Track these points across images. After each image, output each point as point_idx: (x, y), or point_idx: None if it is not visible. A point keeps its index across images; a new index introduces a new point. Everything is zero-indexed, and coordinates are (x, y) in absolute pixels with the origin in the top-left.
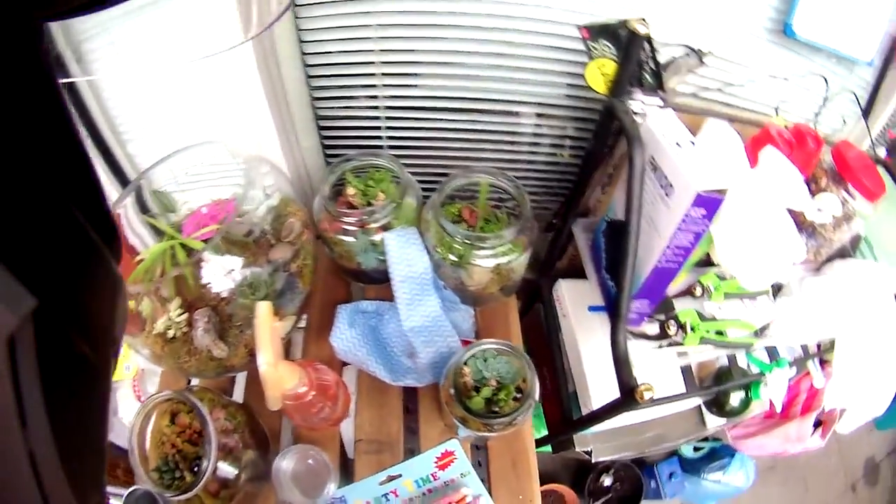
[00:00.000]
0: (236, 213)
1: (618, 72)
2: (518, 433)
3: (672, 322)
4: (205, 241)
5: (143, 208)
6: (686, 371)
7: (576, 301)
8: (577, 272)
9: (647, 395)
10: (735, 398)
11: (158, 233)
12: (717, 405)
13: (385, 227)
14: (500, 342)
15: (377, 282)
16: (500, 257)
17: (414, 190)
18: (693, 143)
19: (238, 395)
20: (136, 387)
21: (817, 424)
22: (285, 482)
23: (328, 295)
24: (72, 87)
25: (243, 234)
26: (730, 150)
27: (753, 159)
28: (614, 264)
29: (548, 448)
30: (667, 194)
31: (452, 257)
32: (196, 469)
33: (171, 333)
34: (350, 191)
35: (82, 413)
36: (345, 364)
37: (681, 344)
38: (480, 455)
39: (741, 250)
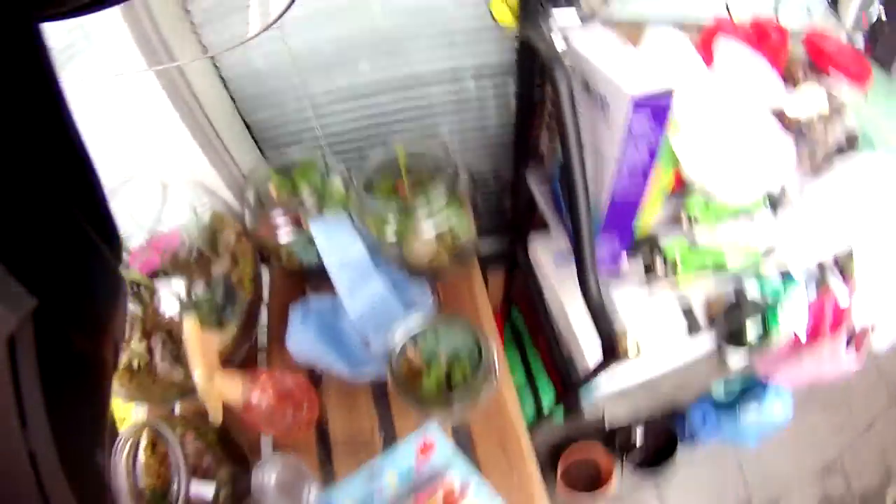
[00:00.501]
0: (176, 240)
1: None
2: (500, 410)
3: (658, 259)
4: (150, 272)
5: None
6: (686, 309)
7: (549, 255)
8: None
9: (630, 347)
10: (752, 331)
11: None
12: (735, 342)
13: (315, 219)
14: (449, 317)
15: (328, 277)
16: (437, 222)
17: (340, 173)
18: (631, 54)
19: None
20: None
21: (849, 343)
22: (266, 494)
23: (284, 300)
24: None
25: (184, 257)
26: (678, 54)
27: (709, 59)
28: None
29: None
30: (604, 112)
31: (389, 234)
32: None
33: (135, 364)
34: (273, 188)
35: (82, 413)
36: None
37: (674, 282)
38: (465, 440)
39: (712, 159)
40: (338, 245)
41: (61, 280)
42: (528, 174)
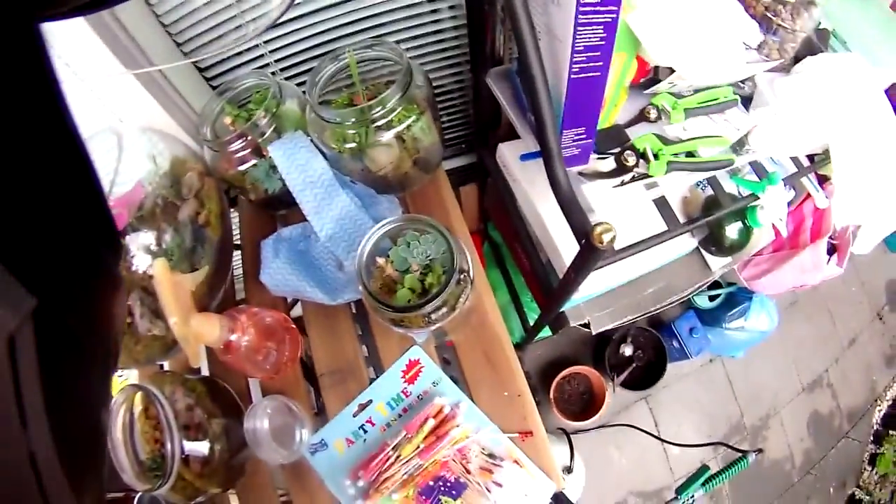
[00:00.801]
0: (140, 193)
1: None
2: (483, 323)
3: (629, 152)
4: (121, 231)
5: None
6: (662, 205)
7: (517, 159)
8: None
9: (605, 237)
10: (732, 230)
11: None
12: (715, 242)
13: (266, 139)
14: (418, 221)
15: (296, 204)
16: (395, 126)
17: (294, 94)
18: None
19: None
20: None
21: (831, 251)
22: (260, 440)
23: (256, 235)
24: None
25: (149, 208)
26: None
27: None
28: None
29: (548, 332)
30: None
31: (349, 145)
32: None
33: None
34: (227, 119)
35: (83, 413)
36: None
37: (647, 175)
38: (451, 359)
39: (673, 37)
40: (299, 164)
41: (61, 280)
42: (488, 77)
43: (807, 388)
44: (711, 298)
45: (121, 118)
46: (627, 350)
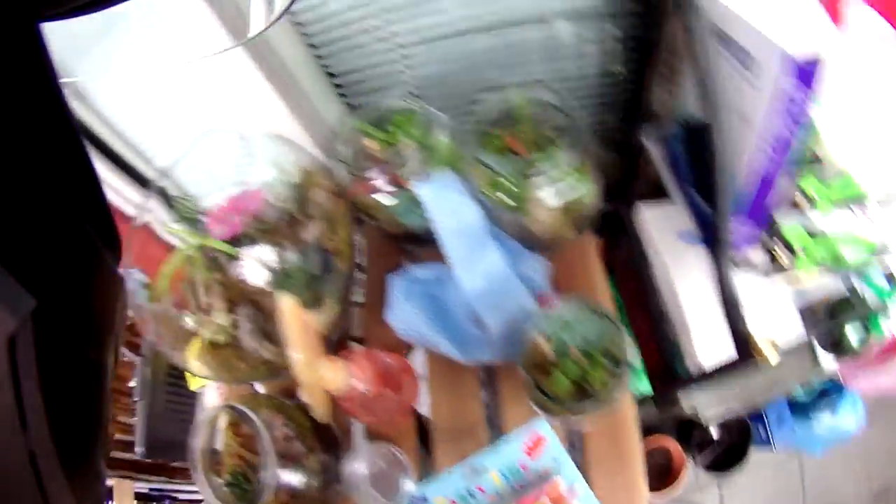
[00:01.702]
0: (259, 200)
1: None
2: (618, 410)
3: (781, 246)
4: (232, 237)
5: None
6: (799, 298)
7: (664, 229)
8: (663, 193)
9: (767, 353)
10: (853, 334)
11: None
12: (834, 343)
13: (419, 179)
14: (580, 300)
15: (432, 243)
16: (563, 188)
17: (444, 126)
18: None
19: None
20: (221, 388)
21: None
22: (359, 486)
23: (382, 267)
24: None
25: (271, 220)
26: (806, 9)
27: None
28: (701, 177)
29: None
30: (746, 68)
31: (507, 199)
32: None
33: (220, 339)
34: (368, 143)
35: (82, 413)
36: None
37: (791, 271)
38: (574, 434)
39: (854, 136)
40: (450, 209)
41: (61, 281)
42: (643, 134)
43: (877, 494)
44: (806, 389)
45: (248, 120)
46: (714, 430)
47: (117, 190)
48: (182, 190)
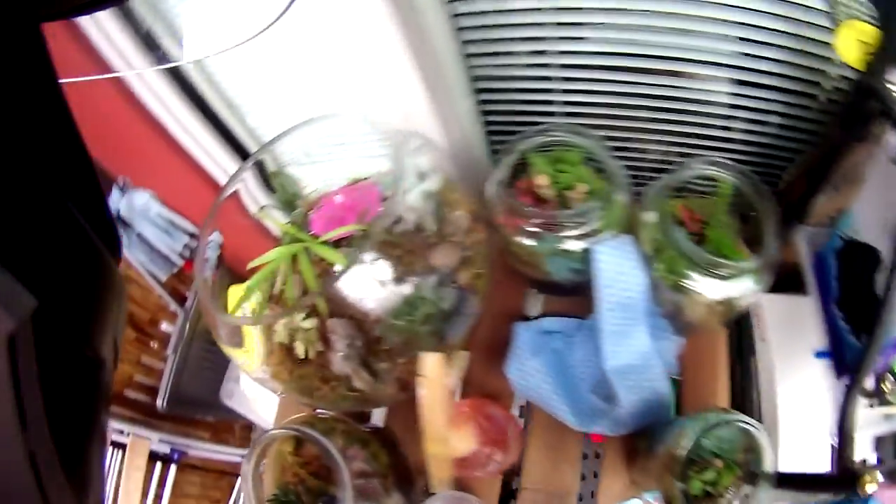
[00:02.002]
0: (381, 203)
1: (883, 39)
2: None
3: (891, 378)
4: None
5: (271, 188)
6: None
7: (782, 324)
8: (785, 284)
9: (870, 489)
10: None
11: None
12: None
13: (587, 234)
14: (729, 412)
15: (565, 293)
16: (734, 286)
17: (622, 181)
18: None
19: (377, 416)
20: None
21: None
22: None
23: (499, 302)
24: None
25: (392, 230)
26: None
27: None
28: (850, 299)
29: None
30: None
31: (676, 276)
32: None
33: (300, 351)
34: (540, 179)
35: (82, 413)
36: None
37: (889, 403)
38: None
39: None
40: (621, 279)
41: (61, 281)
42: (796, 232)
43: None
44: None
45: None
46: None
47: (214, 157)
48: (283, 169)
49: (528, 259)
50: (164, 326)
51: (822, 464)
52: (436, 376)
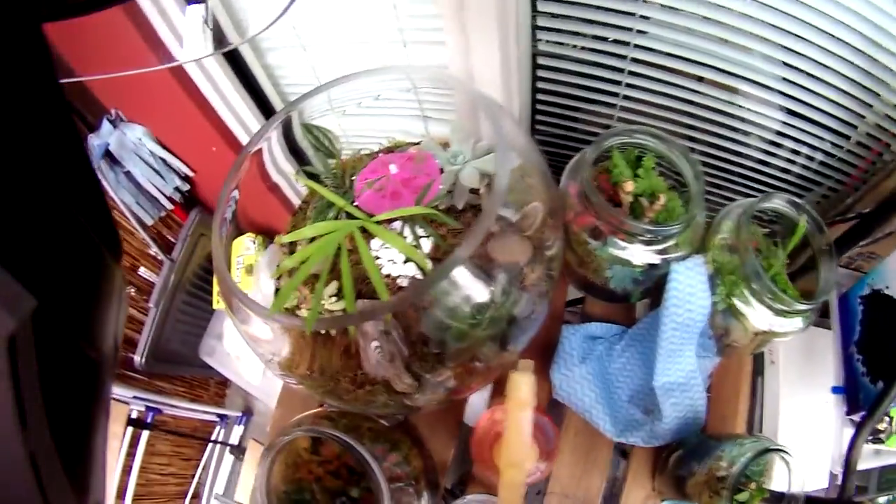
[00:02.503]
0: (437, 175)
1: None
2: None
3: (887, 417)
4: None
5: (293, 150)
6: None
7: (793, 352)
8: None
9: None
10: None
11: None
12: None
13: (661, 250)
14: (763, 438)
15: (613, 300)
16: (783, 322)
17: (702, 201)
18: None
19: None
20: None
21: None
22: None
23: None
24: None
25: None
26: None
27: None
28: (872, 346)
29: None
30: None
31: (737, 302)
32: None
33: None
34: (628, 185)
35: (82, 413)
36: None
37: (881, 441)
38: None
39: None
40: (689, 300)
41: (62, 282)
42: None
43: None
44: None
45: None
46: None
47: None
48: (319, 127)
49: (589, 262)
50: (144, 272)
51: (816, 485)
52: (527, 399)
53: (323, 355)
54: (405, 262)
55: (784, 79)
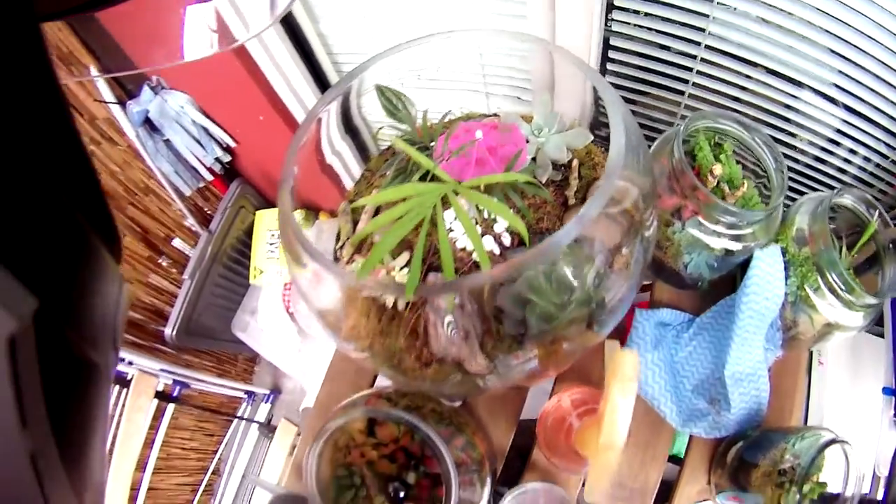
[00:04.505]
0: (522, 146)
1: None
2: None
3: None
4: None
5: (346, 123)
6: None
7: (842, 355)
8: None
9: None
10: None
11: (363, 155)
12: None
13: (739, 236)
14: (825, 430)
15: (683, 286)
16: (851, 315)
17: (783, 193)
18: None
19: None
20: (286, 297)
21: None
22: None
23: None
24: None
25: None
26: None
27: None
28: None
29: None
30: None
31: (810, 292)
32: (394, 495)
33: (388, 301)
34: (717, 168)
35: (83, 413)
36: None
37: None
38: None
39: None
40: (767, 288)
41: (62, 281)
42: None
43: None
44: None
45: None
46: None
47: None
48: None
49: (668, 245)
50: (178, 244)
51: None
52: (631, 378)
53: (389, 332)
54: (482, 235)
55: (847, 75)
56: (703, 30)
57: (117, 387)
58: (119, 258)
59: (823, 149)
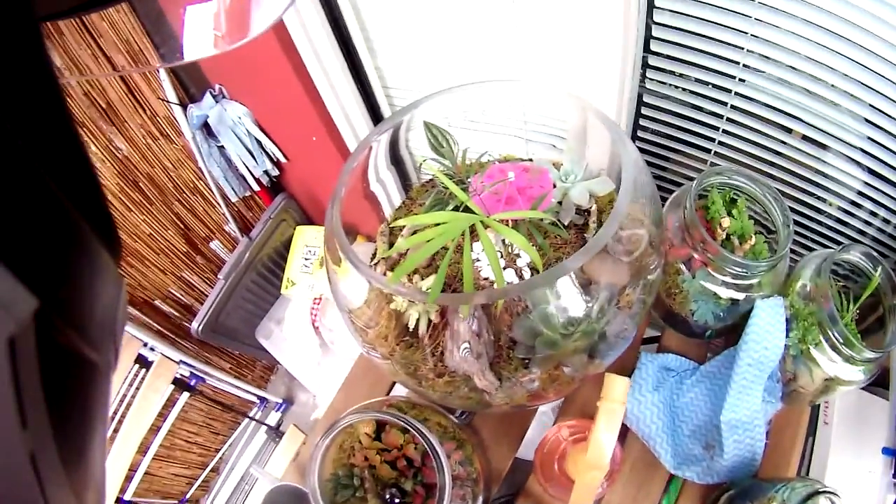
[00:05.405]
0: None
1: None
2: None
3: None
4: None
5: (393, 154)
6: None
7: (848, 415)
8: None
9: None
10: None
11: (405, 184)
12: None
13: (745, 287)
14: (814, 481)
15: (690, 334)
16: (851, 370)
17: (788, 247)
18: None
19: None
20: (314, 311)
21: None
22: None
23: None
24: None
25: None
26: None
27: None
28: None
29: None
30: None
31: (810, 347)
32: (389, 500)
33: (411, 321)
34: (725, 221)
35: (83, 413)
36: None
37: None
38: None
39: None
40: (767, 338)
41: (62, 281)
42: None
43: None
44: None
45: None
46: None
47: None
48: (440, 127)
49: (677, 293)
50: (215, 246)
51: None
52: (621, 400)
53: (410, 345)
54: (504, 268)
55: (870, 139)
56: (729, 90)
57: (137, 366)
58: (118, 258)
59: (845, 210)
